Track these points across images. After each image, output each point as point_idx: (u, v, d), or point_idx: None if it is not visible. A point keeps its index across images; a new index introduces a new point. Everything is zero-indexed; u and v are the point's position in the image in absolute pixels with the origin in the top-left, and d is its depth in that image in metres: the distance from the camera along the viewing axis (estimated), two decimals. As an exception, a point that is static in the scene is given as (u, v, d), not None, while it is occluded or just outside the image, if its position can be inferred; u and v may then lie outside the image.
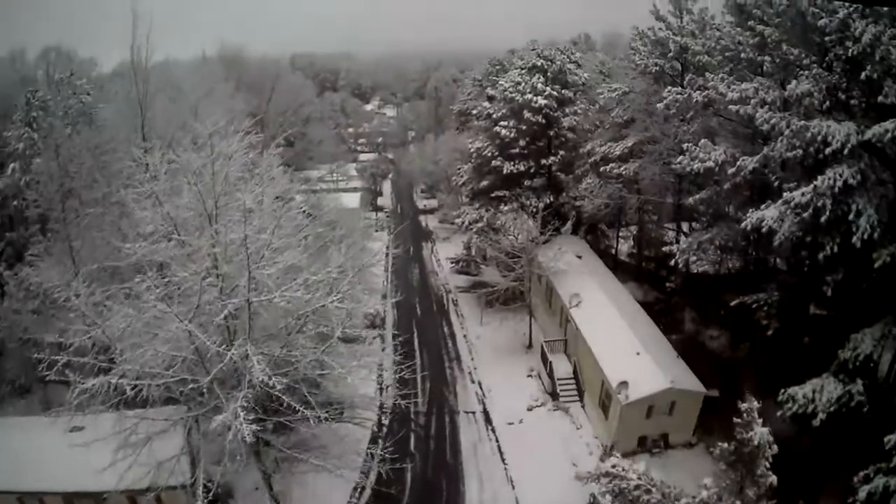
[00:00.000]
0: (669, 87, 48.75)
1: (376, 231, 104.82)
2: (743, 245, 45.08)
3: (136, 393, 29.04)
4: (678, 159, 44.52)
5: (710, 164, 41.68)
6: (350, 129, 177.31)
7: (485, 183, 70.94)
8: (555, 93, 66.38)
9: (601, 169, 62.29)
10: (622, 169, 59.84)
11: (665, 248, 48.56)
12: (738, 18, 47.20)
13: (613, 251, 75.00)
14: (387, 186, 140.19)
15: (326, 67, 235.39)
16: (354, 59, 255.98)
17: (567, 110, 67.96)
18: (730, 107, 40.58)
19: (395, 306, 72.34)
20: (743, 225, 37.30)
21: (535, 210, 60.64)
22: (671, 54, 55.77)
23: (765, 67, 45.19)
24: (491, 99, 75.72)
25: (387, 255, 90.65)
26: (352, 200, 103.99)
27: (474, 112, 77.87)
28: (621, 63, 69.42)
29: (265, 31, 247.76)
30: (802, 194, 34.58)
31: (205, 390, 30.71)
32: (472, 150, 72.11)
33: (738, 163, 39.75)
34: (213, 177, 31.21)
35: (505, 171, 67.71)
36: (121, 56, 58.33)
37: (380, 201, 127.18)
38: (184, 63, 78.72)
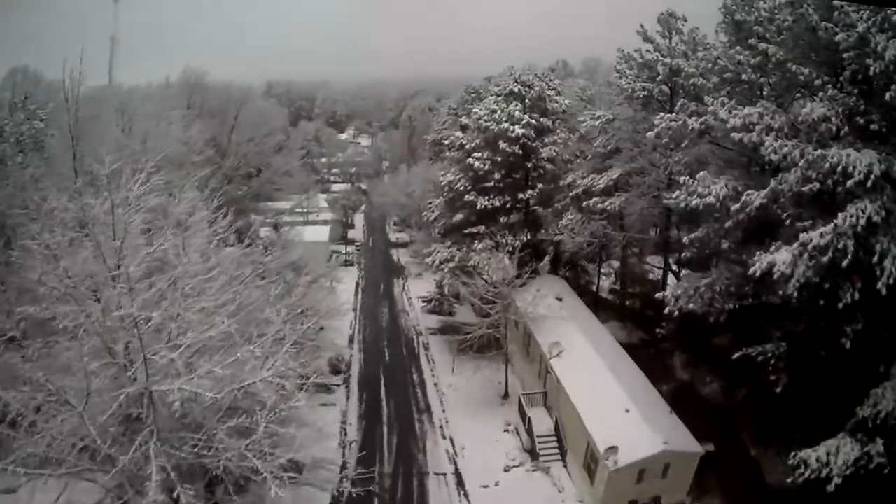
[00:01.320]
0: (662, 114, 44.02)
1: (346, 266, 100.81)
2: (746, 290, 40.07)
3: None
4: (674, 194, 39.82)
5: (710, 199, 36.89)
6: (324, 159, 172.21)
7: (457, 218, 66.11)
8: (533, 121, 61.82)
9: (583, 203, 57.56)
10: (606, 203, 55.45)
11: (658, 295, 43.50)
12: (735, 37, 43.83)
13: (595, 288, 70.45)
14: (359, 218, 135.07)
15: (303, 95, 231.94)
16: (332, 87, 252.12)
17: (546, 140, 63.48)
18: (732, 134, 35.84)
19: (363, 349, 69.34)
20: (751, 271, 32.33)
21: (511, 249, 56.10)
22: (660, 78, 52.04)
23: (765, 90, 41.49)
24: (464, 128, 70.86)
25: (356, 291, 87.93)
26: (321, 233, 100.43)
27: (446, 142, 72.96)
28: (604, 89, 65.43)
29: (244, 57, 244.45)
30: (821, 235, 29.81)
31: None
32: (443, 182, 67.19)
33: (744, 198, 35.09)
34: (114, 227, 25.94)
35: (479, 206, 62.96)
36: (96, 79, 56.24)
37: (351, 234, 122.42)
38: (142, 90, 74.11)
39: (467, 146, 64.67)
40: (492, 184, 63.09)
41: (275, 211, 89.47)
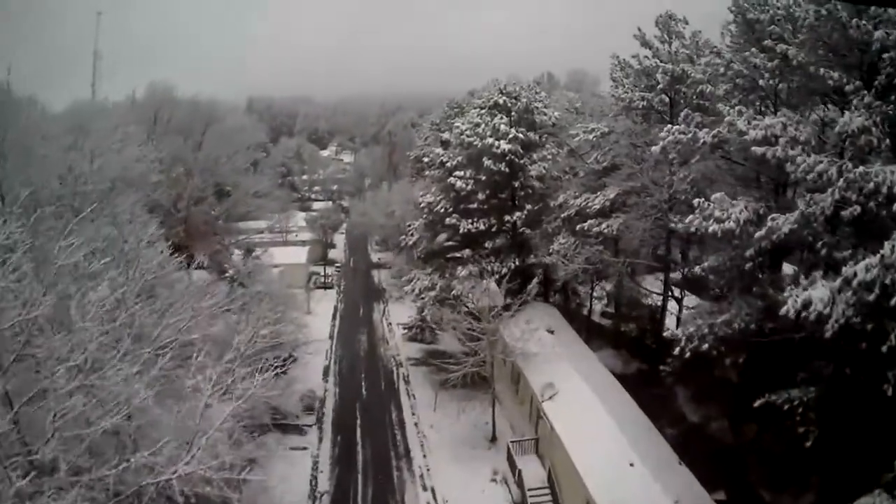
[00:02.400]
0: (668, 126, 39.06)
1: (325, 289, 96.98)
2: (770, 328, 35.13)
3: None
4: (687, 218, 34.78)
5: (730, 225, 31.98)
6: (304, 177, 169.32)
7: (439, 242, 61.22)
8: (520, 136, 57.10)
9: (577, 226, 52.57)
10: (603, 226, 50.37)
11: (666, 333, 38.52)
12: (745, 38, 39.99)
13: (587, 312, 65.80)
14: (341, 238, 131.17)
15: (284, 111, 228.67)
16: (313, 102, 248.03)
17: (535, 156, 58.84)
18: (753, 149, 31.05)
19: (338, 383, 64.39)
20: (783, 311, 27.33)
21: (498, 276, 51.40)
22: (661, 86, 47.61)
23: (781, 97, 37.22)
24: (445, 144, 65.87)
25: (334, 316, 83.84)
26: (298, 255, 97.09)
27: (426, 160, 68.04)
28: (595, 100, 60.80)
29: (224, 73, 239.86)
30: (866, 269, 24.83)
31: None
32: (423, 204, 62.26)
33: (770, 224, 30.18)
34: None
35: (462, 230, 57.92)
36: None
37: (332, 254, 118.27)
38: (97, 105, 69.46)
39: (448, 164, 59.88)
40: (475, 205, 58.38)
41: (252, 231, 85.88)
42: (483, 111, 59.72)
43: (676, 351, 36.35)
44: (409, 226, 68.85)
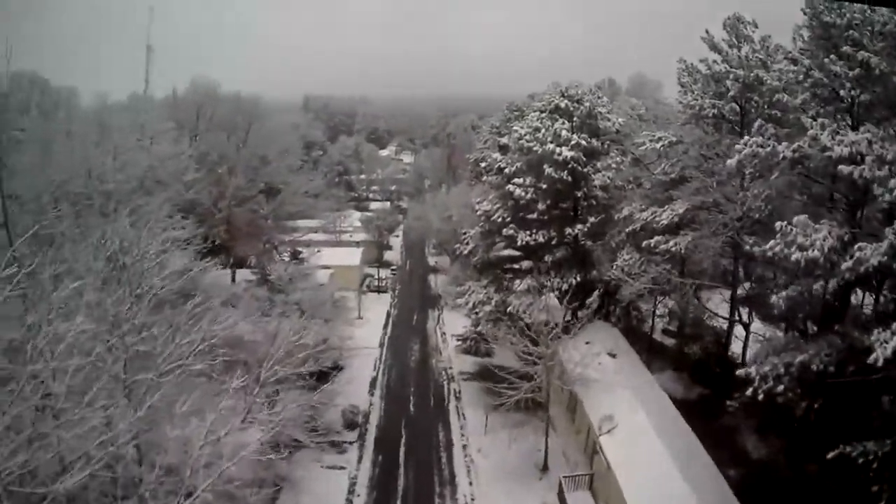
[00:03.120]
0: (746, 138, 35.57)
1: (379, 293, 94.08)
2: (851, 371, 31.43)
3: None
4: (769, 244, 31.24)
5: (815, 253, 28.41)
6: (362, 176, 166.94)
7: (495, 254, 57.84)
8: (583, 142, 53.60)
9: (642, 242, 48.86)
10: (671, 244, 46.60)
11: (739, 372, 34.59)
12: (820, 43, 36.83)
13: (648, 329, 61.78)
14: (398, 239, 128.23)
15: (342, 110, 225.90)
16: (371, 102, 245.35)
17: (598, 164, 55.35)
18: (840, 168, 27.58)
19: (385, 397, 61.27)
20: (872, 358, 23.85)
21: (559, 292, 47.87)
22: (731, 93, 44.37)
23: (861, 109, 34.34)
24: (503, 149, 62.15)
25: (386, 323, 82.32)
26: (352, 257, 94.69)
27: (483, 164, 64.57)
28: (660, 106, 57.18)
29: (279, 71, 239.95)
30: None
31: None
32: (479, 212, 58.93)
33: (857, 254, 26.61)
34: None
35: (520, 241, 54.48)
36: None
37: (388, 255, 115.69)
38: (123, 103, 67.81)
39: (507, 170, 56.79)
40: (535, 215, 55.07)
41: (304, 231, 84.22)
42: (543, 115, 56.40)
43: (749, 392, 32.78)
44: (465, 233, 65.70)
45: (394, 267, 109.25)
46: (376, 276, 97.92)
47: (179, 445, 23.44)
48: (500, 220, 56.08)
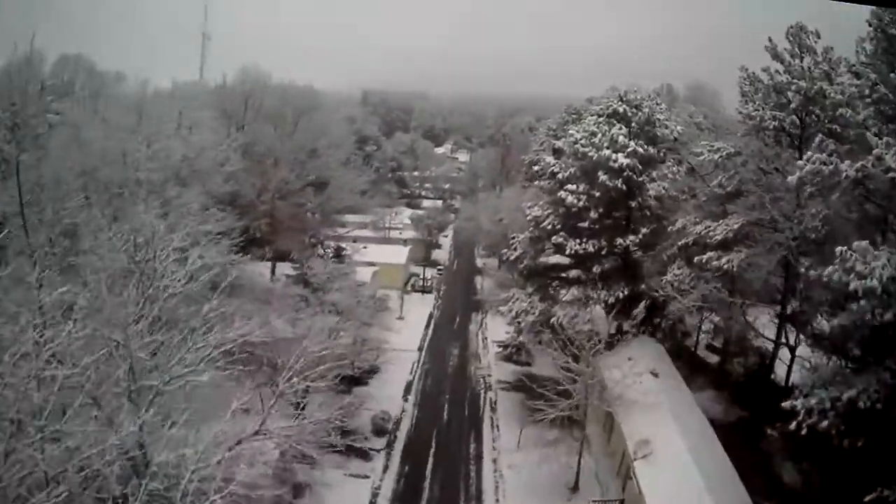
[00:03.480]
0: (809, 154, 33.25)
1: (423, 293, 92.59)
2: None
3: None
4: (827, 270, 28.90)
5: (873, 283, 26.10)
6: (416, 173, 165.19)
7: (543, 261, 55.47)
8: (640, 149, 51.27)
9: (694, 258, 46.22)
10: (723, 261, 43.90)
11: (785, 404, 32.21)
12: (885, 58, 35.68)
13: (693, 345, 60.07)
14: (448, 238, 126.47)
15: (399, 106, 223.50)
16: (429, 99, 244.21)
17: (654, 174, 52.84)
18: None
19: (418, 403, 59.49)
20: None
21: (606, 305, 46.60)
22: (792, 105, 42.28)
23: None
24: (557, 153, 59.65)
25: (427, 325, 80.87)
26: (398, 255, 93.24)
27: (536, 168, 62.00)
28: (718, 115, 56.47)
29: (338, 64, 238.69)
30: None
31: None
32: (529, 217, 56.51)
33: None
34: None
35: (569, 250, 52.02)
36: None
37: (436, 254, 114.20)
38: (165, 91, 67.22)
39: (559, 175, 54.47)
40: (586, 224, 52.92)
41: (353, 226, 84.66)
42: (601, 119, 54.34)
43: (793, 425, 31.24)
44: (514, 237, 63.06)
45: (440, 267, 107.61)
46: (422, 276, 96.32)
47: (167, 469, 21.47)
48: (549, 226, 53.99)
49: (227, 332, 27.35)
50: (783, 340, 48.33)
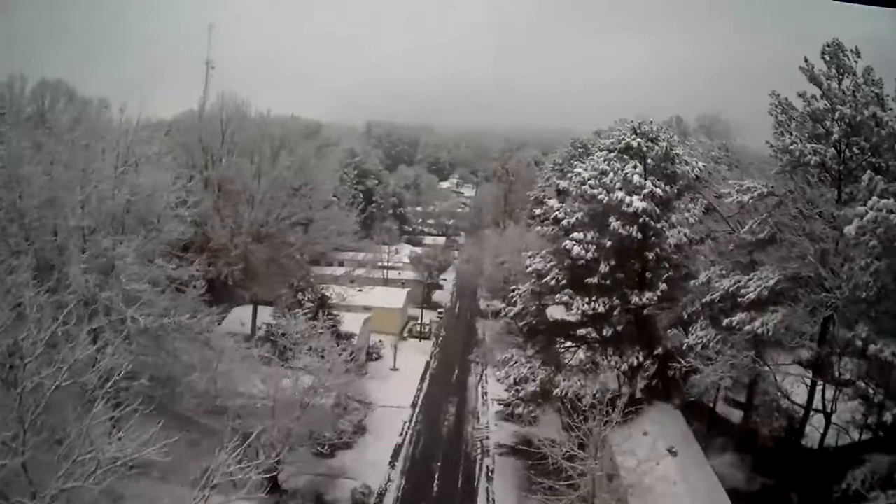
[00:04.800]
0: (874, 199, 27.43)
1: (421, 339, 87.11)
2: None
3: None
4: (876, 346, 23.36)
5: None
6: (419, 208, 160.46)
7: (545, 319, 49.35)
8: (658, 190, 45.21)
9: (723, 320, 39.94)
10: (758, 325, 37.53)
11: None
12: None
13: (711, 401, 53.05)
14: (451, 275, 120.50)
15: (405, 138, 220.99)
16: (435, 132, 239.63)
17: (673, 218, 46.30)
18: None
19: (406, 471, 53.28)
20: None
21: (621, 373, 42.83)
22: (835, 136, 37.46)
23: None
24: (562, 194, 52.71)
25: (423, 377, 74.87)
26: (395, 298, 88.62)
27: (537, 212, 55.44)
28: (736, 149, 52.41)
29: (342, 95, 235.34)
30: None
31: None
32: (530, 268, 50.38)
33: None
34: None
35: (575, 310, 45.80)
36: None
37: (437, 295, 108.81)
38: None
39: (564, 222, 48.40)
40: (595, 280, 46.73)
41: (352, 263, 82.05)
42: (611, 155, 48.79)
43: None
44: (514, 289, 57.02)
45: (441, 310, 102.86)
46: (419, 321, 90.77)
47: None
48: (553, 281, 48.12)
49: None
50: (819, 408, 42.50)
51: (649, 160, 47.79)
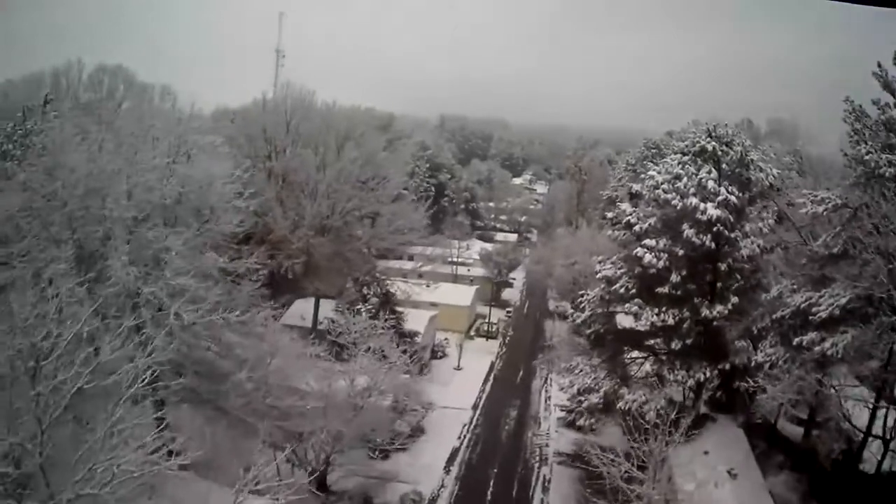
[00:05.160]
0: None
1: (487, 338, 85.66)
2: None
3: None
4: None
5: None
6: (491, 204, 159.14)
7: (613, 327, 47.45)
8: (733, 197, 43.10)
9: (794, 340, 37.89)
10: (828, 346, 35.37)
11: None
12: None
13: (773, 417, 49.96)
14: (521, 273, 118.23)
15: (478, 133, 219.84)
16: (509, 127, 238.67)
17: (747, 227, 44.01)
18: None
19: (461, 477, 51.79)
20: None
21: (688, 388, 41.72)
22: None
23: None
24: (635, 198, 50.35)
25: (486, 378, 73.07)
26: (463, 295, 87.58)
27: (609, 215, 52.91)
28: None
29: (417, 88, 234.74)
30: None
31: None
32: (600, 275, 48.61)
33: None
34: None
35: (644, 321, 43.92)
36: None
37: (507, 293, 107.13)
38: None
39: (637, 227, 46.23)
40: (666, 290, 44.40)
41: (422, 258, 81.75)
42: (685, 158, 46.29)
43: None
44: (583, 294, 54.83)
45: (509, 309, 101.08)
46: (487, 320, 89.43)
47: None
48: (622, 289, 46.09)
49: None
50: (878, 433, 40.17)
51: (724, 165, 45.54)
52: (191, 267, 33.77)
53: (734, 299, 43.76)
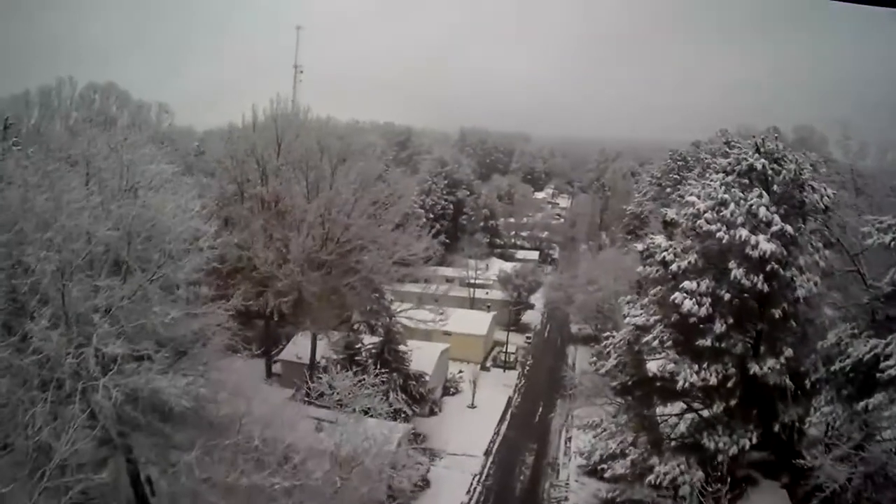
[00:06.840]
0: None
1: (505, 369, 79.84)
2: None
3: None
4: None
5: None
6: (511, 220, 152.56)
7: (641, 377, 40.69)
8: (788, 228, 36.09)
9: (857, 405, 31.48)
10: None
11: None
12: None
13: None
14: (543, 292, 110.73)
15: (500, 146, 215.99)
16: (531, 140, 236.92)
17: (802, 261, 36.96)
18: None
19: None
20: None
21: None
22: None
23: None
24: (670, 227, 42.81)
25: (503, 416, 67.08)
26: (479, 323, 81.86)
27: (639, 248, 45.01)
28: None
29: (436, 102, 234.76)
30: None
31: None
32: (629, 321, 41.78)
33: None
34: None
35: (682, 382, 36.98)
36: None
37: (528, 315, 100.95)
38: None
39: (673, 267, 38.55)
40: (708, 342, 36.94)
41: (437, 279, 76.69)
42: (730, 178, 38.98)
43: None
44: (609, 336, 46.72)
45: (529, 335, 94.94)
46: (505, 349, 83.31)
47: None
48: (656, 341, 39.40)
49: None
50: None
51: (775, 187, 38.23)
52: (133, 326, 27.66)
53: (788, 352, 36.53)
